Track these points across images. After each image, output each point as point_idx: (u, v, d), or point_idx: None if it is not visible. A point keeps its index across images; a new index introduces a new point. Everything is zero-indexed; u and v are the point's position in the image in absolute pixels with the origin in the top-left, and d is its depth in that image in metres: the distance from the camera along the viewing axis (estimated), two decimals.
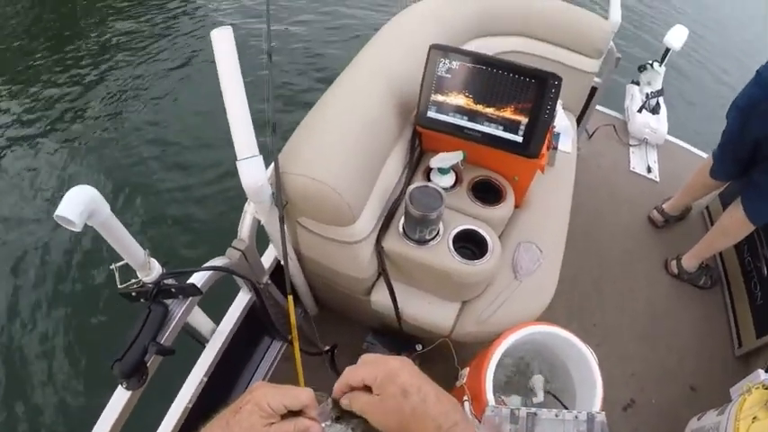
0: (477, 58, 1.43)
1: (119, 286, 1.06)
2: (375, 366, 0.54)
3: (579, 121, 2.48)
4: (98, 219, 0.89)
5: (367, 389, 0.54)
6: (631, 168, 2.86)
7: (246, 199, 1.27)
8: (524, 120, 1.44)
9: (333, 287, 1.62)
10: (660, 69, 3.02)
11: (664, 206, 2.57)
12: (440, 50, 1.43)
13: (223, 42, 1.04)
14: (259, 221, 1.33)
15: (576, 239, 2.07)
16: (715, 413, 1.61)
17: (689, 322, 2.24)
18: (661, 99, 3.02)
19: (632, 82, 3.12)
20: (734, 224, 2.06)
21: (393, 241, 1.43)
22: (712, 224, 2.44)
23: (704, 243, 2.26)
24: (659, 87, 3.03)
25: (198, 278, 1.17)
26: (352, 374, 0.56)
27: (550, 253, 1.67)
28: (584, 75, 2.13)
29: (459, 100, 1.45)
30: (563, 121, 2.04)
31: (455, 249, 1.42)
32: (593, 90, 2.41)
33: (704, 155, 2.91)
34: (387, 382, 0.52)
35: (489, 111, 1.45)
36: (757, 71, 1.82)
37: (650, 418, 1.91)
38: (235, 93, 1.07)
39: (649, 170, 2.86)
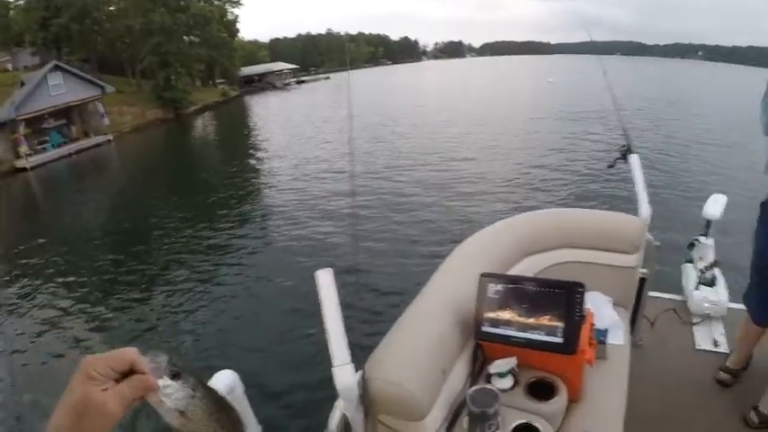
0: (516, 280, 1.81)
1: None
2: None
3: (636, 312, 2.63)
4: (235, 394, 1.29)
5: None
6: (697, 347, 2.87)
7: (337, 396, 1.58)
8: (561, 324, 1.74)
9: None
10: (708, 241, 3.19)
11: (727, 363, 2.57)
12: (488, 277, 1.82)
13: (325, 279, 1.49)
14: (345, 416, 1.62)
15: (645, 428, 2.13)
16: None
17: None
18: (717, 270, 3.11)
19: (686, 261, 3.28)
20: None
21: None
22: None
23: None
24: (712, 260, 3.17)
25: None
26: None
27: None
28: (628, 270, 2.39)
29: (507, 314, 1.80)
30: (611, 317, 2.24)
31: None
32: (644, 281, 2.60)
33: None
34: None
35: (531, 320, 1.77)
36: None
37: None
38: (333, 317, 1.47)
39: (716, 344, 2.86)
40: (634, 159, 2.55)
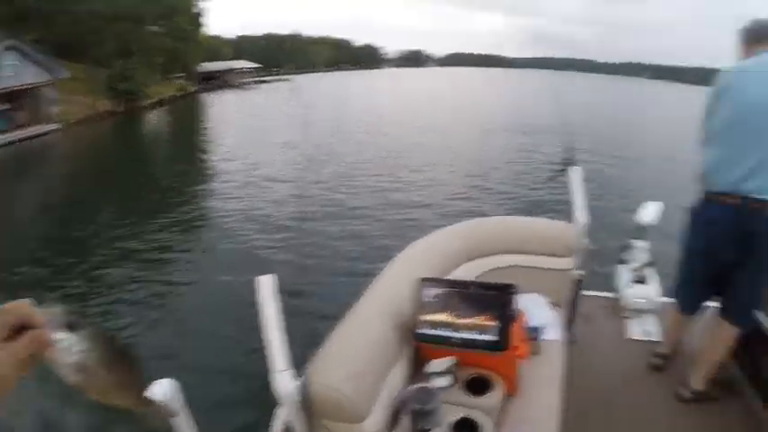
0: (453, 284, 1.92)
1: None
2: None
3: (573, 310, 2.78)
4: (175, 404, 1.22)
5: None
6: (629, 337, 3.03)
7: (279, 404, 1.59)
8: (495, 323, 1.86)
9: None
10: (642, 244, 3.40)
11: (659, 350, 2.75)
12: (426, 281, 1.90)
13: (266, 285, 1.52)
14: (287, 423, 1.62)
15: (583, 415, 2.25)
16: None
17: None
18: (651, 270, 3.31)
19: (619, 262, 3.47)
20: (726, 337, 2.33)
21: None
22: None
23: (705, 362, 2.42)
24: (646, 261, 3.35)
25: None
26: None
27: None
28: (562, 272, 2.56)
29: (444, 317, 1.90)
30: (546, 316, 2.37)
31: None
32: (579, 281, 2.74)
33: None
34: None
35: (468, 321, 1.88)
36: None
37: None
38: (273, 323, 1.50)
39: (648, 333, 3.02)
40: (573, 171, 2.72)
